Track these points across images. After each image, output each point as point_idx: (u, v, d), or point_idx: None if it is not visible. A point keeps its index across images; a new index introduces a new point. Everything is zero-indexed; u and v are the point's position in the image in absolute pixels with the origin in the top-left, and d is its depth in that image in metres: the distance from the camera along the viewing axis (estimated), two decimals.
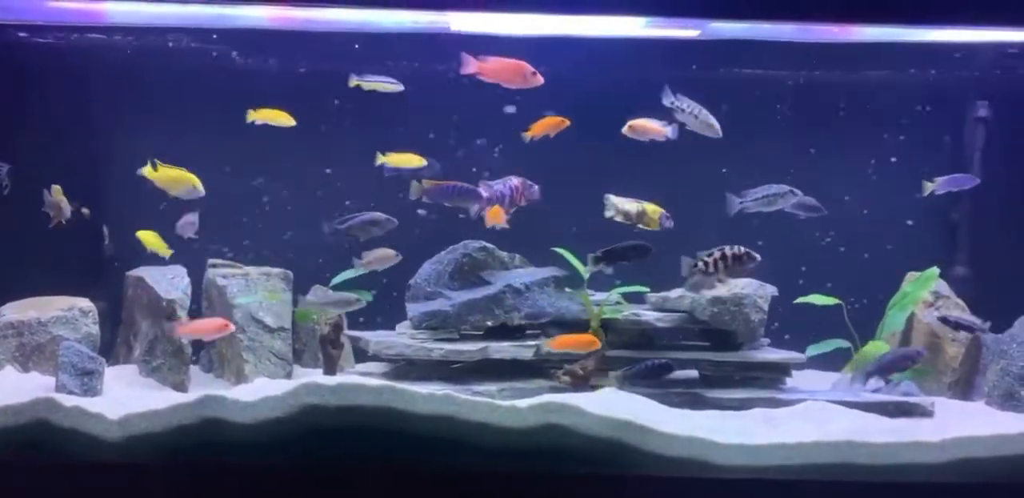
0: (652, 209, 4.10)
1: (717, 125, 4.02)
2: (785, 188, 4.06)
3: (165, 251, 4.24)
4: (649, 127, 4.07)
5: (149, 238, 4.27)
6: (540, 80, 3.93)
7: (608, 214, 4.11)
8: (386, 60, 4.60)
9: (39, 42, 4.60)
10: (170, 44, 4.67)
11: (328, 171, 4.76)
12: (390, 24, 4.09)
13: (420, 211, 4.55)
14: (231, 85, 4.68)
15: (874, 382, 4.21)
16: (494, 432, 3.32)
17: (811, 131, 4.77)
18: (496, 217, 4.05)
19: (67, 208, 4.24)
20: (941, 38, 4.26)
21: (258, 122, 4.24)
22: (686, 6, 3.52)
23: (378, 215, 4.16)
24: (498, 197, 4.02)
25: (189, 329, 4.05)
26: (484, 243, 4.33)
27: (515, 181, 4.03)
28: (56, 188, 4.26)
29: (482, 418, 3.34)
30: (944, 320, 4.27)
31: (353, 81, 4.24)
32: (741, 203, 4.05)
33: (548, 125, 4.12)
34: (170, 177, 4.08)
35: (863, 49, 4.46)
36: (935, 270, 4.34)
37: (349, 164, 4.68)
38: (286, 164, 4.75)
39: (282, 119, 4.24)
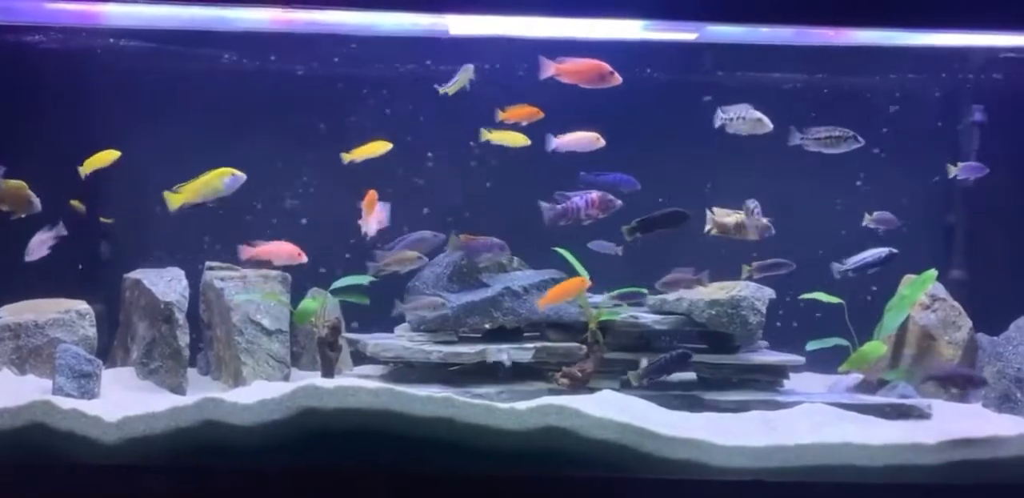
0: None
1: (765, 118, 4.01)
2: (850, 132, 4.02)
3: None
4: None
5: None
6: (618, 79, 3.92)
7: (706, 228, 4.11)
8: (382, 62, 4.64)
9: (36, 43, 4.60)
10: (168, 46, 4.68)
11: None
12: (389, 27, 4.09)
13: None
14: (232, 88, 4.69)
15: (852, 379, 4.23)
16: (493, 434, 3.32)
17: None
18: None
19: (37, 202, 4.10)
20: (936, 42, 4.27)
21: (357, 160, 4.20)
22: (684, 9, 3.53)
23: (425, 233, 4.14)
24: (573, 210, 4.00)
25: (258, 252, 4.01)
26: None
27: (594, 195, 4.00)
28: (19, 183, 4.10)
29: (481, 421, 3.34)
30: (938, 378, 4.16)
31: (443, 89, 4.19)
32: (801, 138, 4.00)
33: (522, 113, 4.12)
34: (202, 186, 3.94)
35: (867, 52, 4.48)
36: (933, 272, 4.35)
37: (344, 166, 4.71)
38: (285, 166, 4.75)
39: (379, 148, 4.21)
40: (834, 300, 4.26)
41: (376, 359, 4.10)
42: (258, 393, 3.43)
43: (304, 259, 4.05)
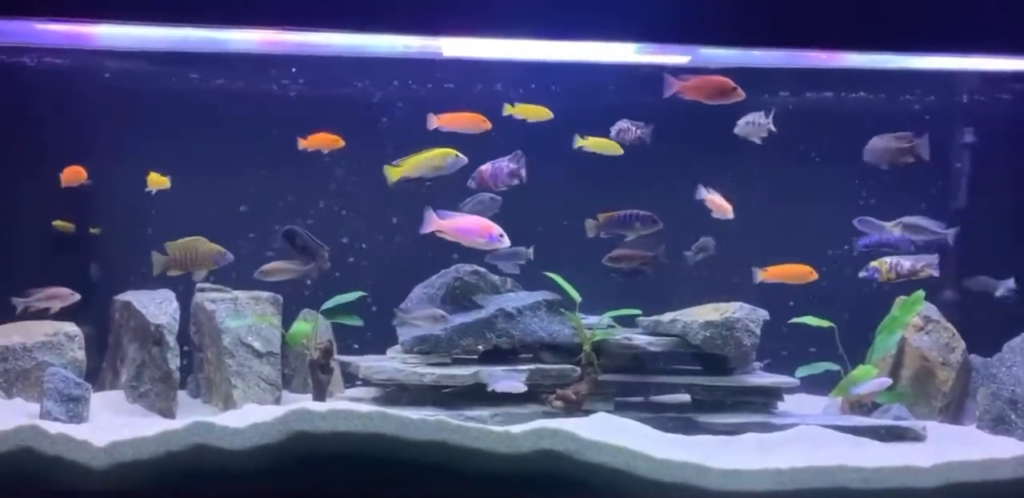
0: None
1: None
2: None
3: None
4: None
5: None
6: (742, 95, 3.97)
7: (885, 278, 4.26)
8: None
9: (23, 63, 4.59)
10: (158, 67, 4.68)
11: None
12: (382, 48, 4.10)
13: None
14: (222, 108, 4.68)
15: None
16: (487, 458, 3.30)
17: (799, 156, 4.81)
18: None
19: (228, 253, 4.13)
20: (926, 65, 4.31)
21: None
22: (677, 33, 3.55)
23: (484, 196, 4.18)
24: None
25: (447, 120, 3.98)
26: (476, 267, 4.32)
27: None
28: (185, 242, 4.11)
29: (475, 444, 3.31)
30: None
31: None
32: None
33: (320, 141, 4.19)
34: (423, 161, 3.92)
35: (855, 75, 4.52)
36: (920, 293, 4.35)
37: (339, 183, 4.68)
38: (278, 183, 4.75)
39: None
40: (824, 324, 4.26)
41: (368, 382, 4.07)
42: (249, 417, 3.40)
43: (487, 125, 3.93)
